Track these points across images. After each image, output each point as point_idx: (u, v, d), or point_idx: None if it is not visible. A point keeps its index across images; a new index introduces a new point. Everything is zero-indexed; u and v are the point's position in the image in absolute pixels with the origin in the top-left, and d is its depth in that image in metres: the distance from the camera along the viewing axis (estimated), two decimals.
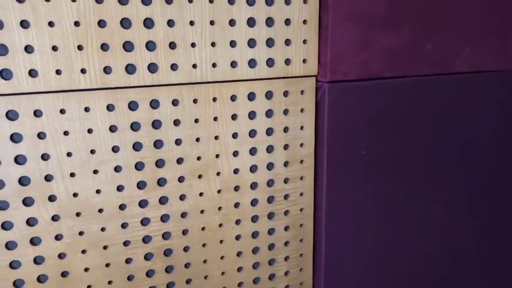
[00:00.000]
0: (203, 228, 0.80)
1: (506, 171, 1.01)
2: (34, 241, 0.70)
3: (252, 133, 0.79)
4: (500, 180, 1.01)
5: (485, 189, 1.00)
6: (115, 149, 0.71)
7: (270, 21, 0.75)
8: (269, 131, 0.80)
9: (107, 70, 0.67)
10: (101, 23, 0.65)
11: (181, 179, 0.76)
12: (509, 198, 1.03)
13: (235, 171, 0.80)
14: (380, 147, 0.86)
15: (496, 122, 0.95)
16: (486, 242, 1.04)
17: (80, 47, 0.65)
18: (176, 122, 0.74)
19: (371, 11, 0.78)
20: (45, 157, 0.68)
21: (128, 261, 0.76)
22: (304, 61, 0.78)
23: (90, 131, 0.69)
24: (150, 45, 0.69)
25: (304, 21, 0.77)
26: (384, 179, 0.88)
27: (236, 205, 0.81)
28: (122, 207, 0.74)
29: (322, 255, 0.88)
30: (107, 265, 0.75)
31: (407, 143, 0.88)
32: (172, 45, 0.70)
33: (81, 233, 0.72)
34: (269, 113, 0.79)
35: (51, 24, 0.63)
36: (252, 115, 0.78)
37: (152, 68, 0.70)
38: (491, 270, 1.08)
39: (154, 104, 0.72)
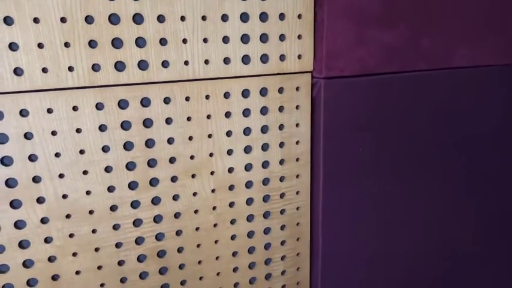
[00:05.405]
0: (197, 229, 0.78)
1: (505, 167, 1.00)
2: (23, 244, 0.68)
3: (247, 131, 0.77)
4: (499, 176, 1.00)
5: (484, 186, 0.98)
6: (105, 149, 0.69)
7: (263, 16, 0.73)
8: (264, 129, 0.78)
9: (95, 68, 0.65)
10: (88, 19, 0.63)
11: (174, 179, 0.75)
12: (508, 195, 1.02)
13: (230, 170, 0.78)
14: (377, 144, 0.84)
15: (494, 117, 0.94)
16: (484, 240, 1.03)
17: (66, 44, 0.63)
18: (168, 121, 0.72)
19: (367, 6, 0.76)
20: (32, 158, 0.66)
21: (121, 263, 0.75)
22: (299, 57, 0.77)
23: (78, 130, 0.67)
24: (140, 42, 0.67)
25: (299, 16, 0.75)
26: (381, 176, 0.87)
27: (231, 204, 0.80)
28: (113, 208, 0.72)
29: (319, 254, 0.87)
30: (99, 267, 0.73)
31: (404, 140, 0.86)
32: (163, 42, 0.68)
33: (71, 235, 0.70)
34: (264, 110, 0.77)
35: (36, 20, 0.61)
36: (246, 112, 0.77)
37: (142, 65, 0.68)
38: (490, 269, 1.07)
39: (145, 102, 0.70)
